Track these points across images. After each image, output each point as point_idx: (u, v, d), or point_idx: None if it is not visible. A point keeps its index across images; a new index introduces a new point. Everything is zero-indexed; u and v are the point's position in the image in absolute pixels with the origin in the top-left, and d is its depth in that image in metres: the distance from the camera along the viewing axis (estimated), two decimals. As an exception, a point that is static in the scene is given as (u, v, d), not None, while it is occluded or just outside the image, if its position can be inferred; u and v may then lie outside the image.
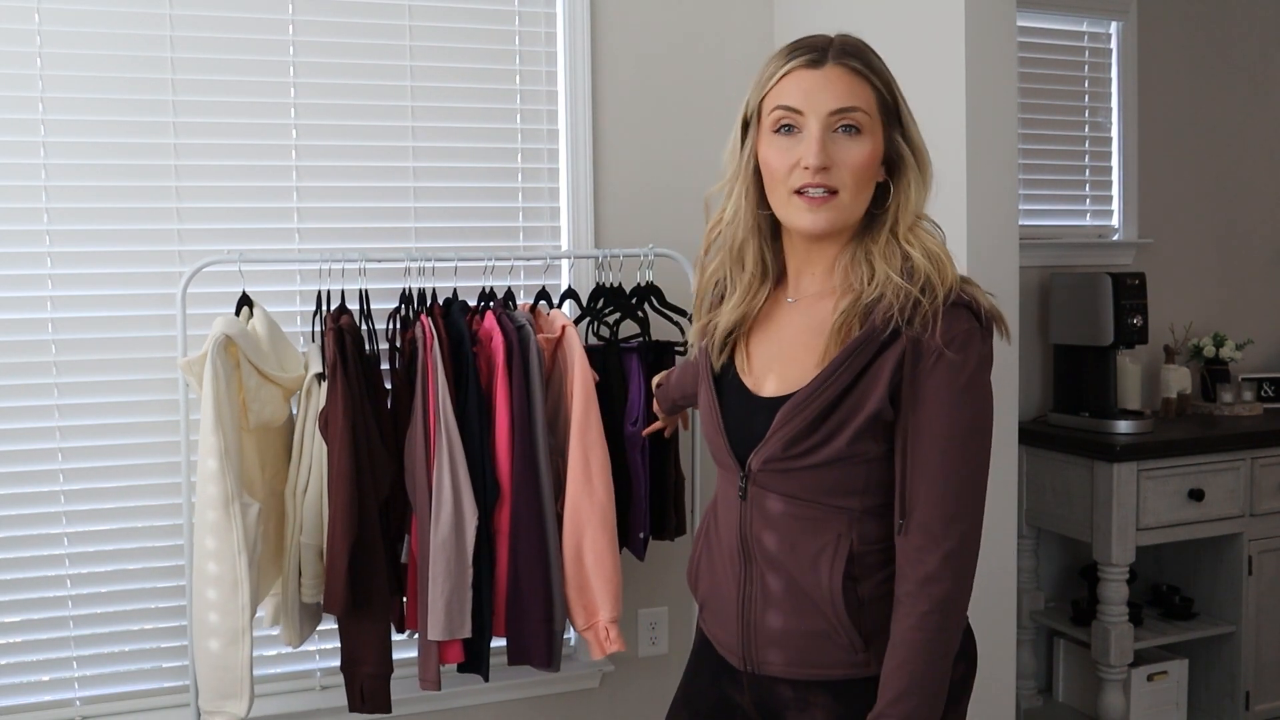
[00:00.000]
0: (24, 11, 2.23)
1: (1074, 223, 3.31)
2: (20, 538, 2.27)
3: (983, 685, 2.09)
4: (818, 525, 1.27)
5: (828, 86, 1.22)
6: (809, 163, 1.21)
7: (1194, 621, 3.02)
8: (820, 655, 1.29)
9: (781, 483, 1.27)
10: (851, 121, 1.23)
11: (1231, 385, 3.26)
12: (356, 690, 2.13)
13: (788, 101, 1.24)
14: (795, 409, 1.24)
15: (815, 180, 1.22)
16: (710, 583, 1.41)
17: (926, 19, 2.13)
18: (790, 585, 1.28)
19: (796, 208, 1.25)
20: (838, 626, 1.26)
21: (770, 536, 1.30)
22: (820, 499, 1.26)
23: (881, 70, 1.26)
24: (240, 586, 1.94)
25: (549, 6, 2.61)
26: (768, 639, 1.31)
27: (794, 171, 1.23)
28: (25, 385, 2.27)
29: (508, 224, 2.60)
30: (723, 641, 1.39)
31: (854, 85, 1.23)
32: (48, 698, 2.31)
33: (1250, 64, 3.48)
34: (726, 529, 1.37)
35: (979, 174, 2.05)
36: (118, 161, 2.31)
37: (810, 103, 1.22)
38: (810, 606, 1.27)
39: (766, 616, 1.31)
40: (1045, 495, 2.99)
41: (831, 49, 1.25)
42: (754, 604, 1.32)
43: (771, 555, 1.30)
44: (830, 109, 1.22)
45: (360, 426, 2.04)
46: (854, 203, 1.25)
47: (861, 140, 1.23)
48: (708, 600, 1.42)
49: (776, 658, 1.31)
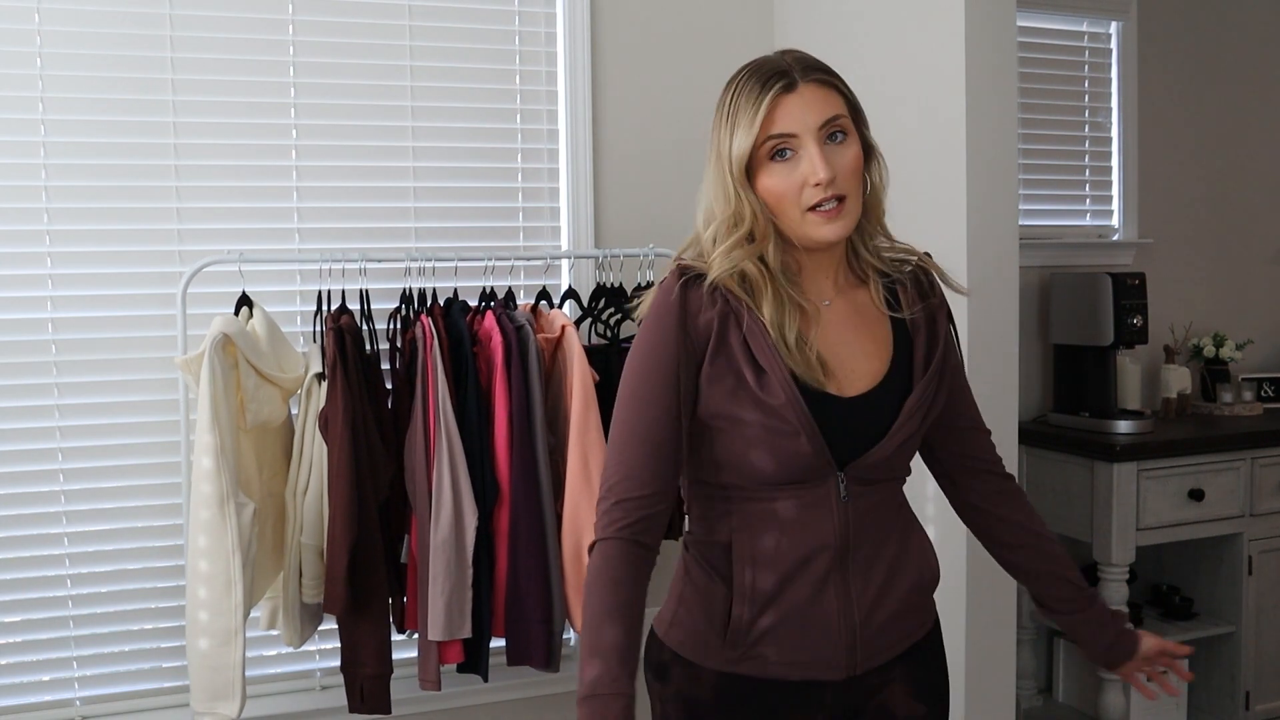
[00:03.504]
0: (24, 11, 2.23)
1: (1074, 223, 3.31)
2: (20, 538, 2.27)
3: (983, 685, 2.10)
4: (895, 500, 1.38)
5: (809, 104, 1.27)
6: (819, 179, 1.25)
7: (1194, 622, 3.02)
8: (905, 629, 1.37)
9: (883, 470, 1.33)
10: (838, 128, 1.28)
11: (1231, 385, 3.26)
12: (356, 690, 2.13)
13: (779, 129, 1.27)
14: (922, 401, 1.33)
15: (828, 194, 1.27)
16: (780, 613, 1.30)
17: (926, 19, 2.13)
18: (891, 570, 1.34)
19: (814, 224, 1.28)
20: (927, 590, 1.39)
21: (871, 528, 1.33)
22: (899, 473, 1.37)
23: (841, 79, 1.33)
24: (234, 586, 1.93)
25: (549, 6, 2.61)
26: (877, 631, 1.33)
27: (804, 191, 1.27)
28: (25, 385, 2.27)
29: (508, 224, 2.60)
30: (809, 662, 1.31)
31: (828, 96, 1.29)
32: (48, 698, 2.31)
33: (1250, 64, 3.48)
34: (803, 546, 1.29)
35: (979, 174, 2.05)
36: (118, 161, 2.31)
37: (801, 124, 1.27)
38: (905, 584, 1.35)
39: (873, 612, 1.33)
40: (1045, 495, 2.98)
41: (796, 69, 1.29)
42: (855, 607, 1.31)
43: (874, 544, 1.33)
44: (819, 123, 1.27)
45: (360, 426, 2.04)
46: (857, 202, 1.31)
47: (849, 144, 1.29)
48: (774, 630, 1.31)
49: (883, 646, 1.35)
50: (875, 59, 2.28)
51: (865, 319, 1.37)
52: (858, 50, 2.36)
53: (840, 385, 1.32)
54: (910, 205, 2.21)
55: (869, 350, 1.35)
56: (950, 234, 2.06)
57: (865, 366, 1.34)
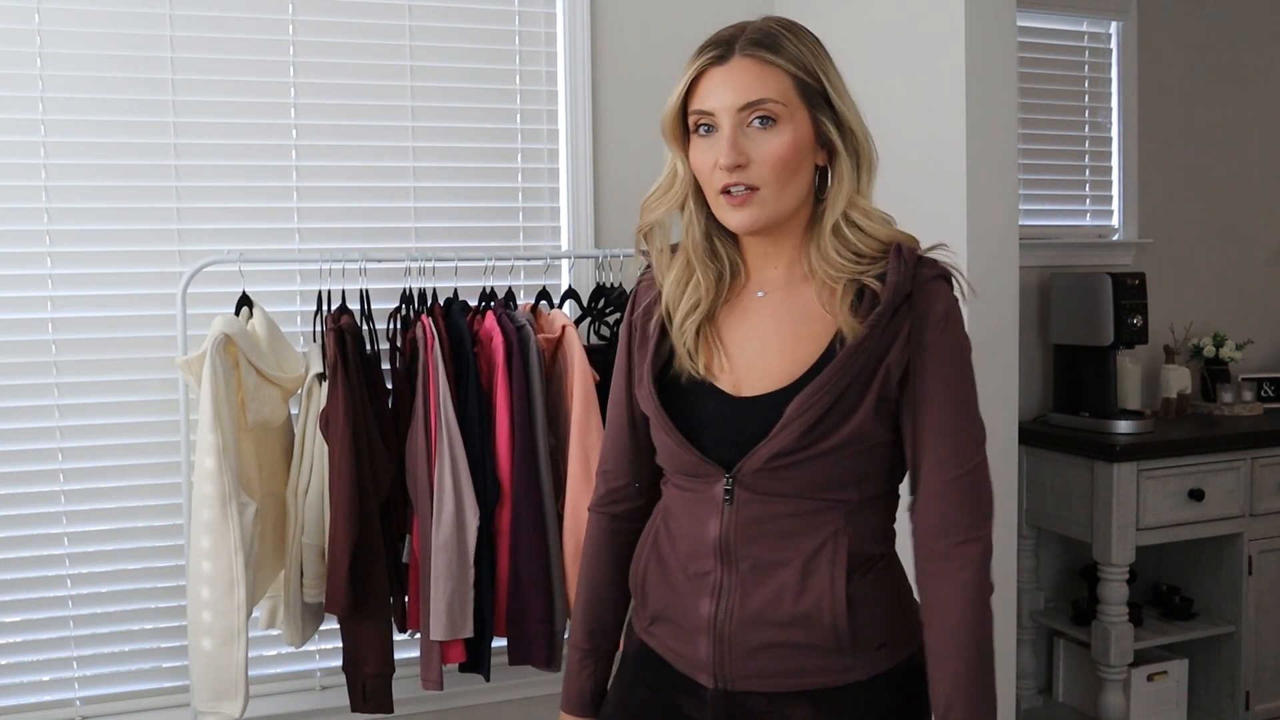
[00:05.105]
0: (24, 11, 2.23)
1: (1074, 223, 3.31)
2: (20, 538, 2.27)
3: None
4: (813, 523, 1.21)
5: (734, 82, 1.18)
6: (722, 162, 1.17)
7: (1194, 621, 3.02)
8: (805, 664, 1.22)
9: (780, 482, 1.20)
10: (765, 113, 1.18)
11: (1231, 385, 3.26)
12: (358, 690, 2.13)
13: (698, 105, 1.21)
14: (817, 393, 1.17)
15: (733, 180, 1.18)
16: (668, 597, 1.30)
17: (926, 19, 2.13)
18: (778, 593, 1.21)
19: (723, 207, 1.21)
20: (831, 631, 1.20)
21: (760, 543, 1.22)
22: (820, 493, 1.20)
23: (797, 54, 1.20)
24: (236, 586, 1.93)
25: (549, 6, 2.61)
26: (746, 653, 1.23)
27: (715, 172, 1.20)
28: (25, 385, 2.27)
29: (508, 224, 2.60)
30: (686, 658, 1.28)
31: (763, 75, 1.18)
32: (48, 698, 2.31)
33: (1250, 64, 3.48)
34: (692, 540, 1.27)
35: (979, 174, 2.05)
36: (118, 161, 2.31)
37: (719, 101, 1.18)
38: (800, 614, 1.20)
39: (748, 630, 1.22)
40: (1045, 495, 2.99)
41: (740, 40, 1.20)
42: (731, 617, 1.23)
43: (760, 562, 1.22)
44: (739, 105, 1.18)
45: (361, 426, 2.04)
46: (780, 195, 1.20)
47: (779, 130, 1.18)
48: (663, 614, 1.31)
49: (756, 671, 1.23)
50: (875, 59, 2.28)
51: (802, 319, 1.24)
52: (857, 50, 2.36)
53: (737, 382, 1.24)
54: (910, 205, 2.21)
55: (790, 351, 1.23)
56: (950, 234, 2.06)
57: (777, 367, 1.22)
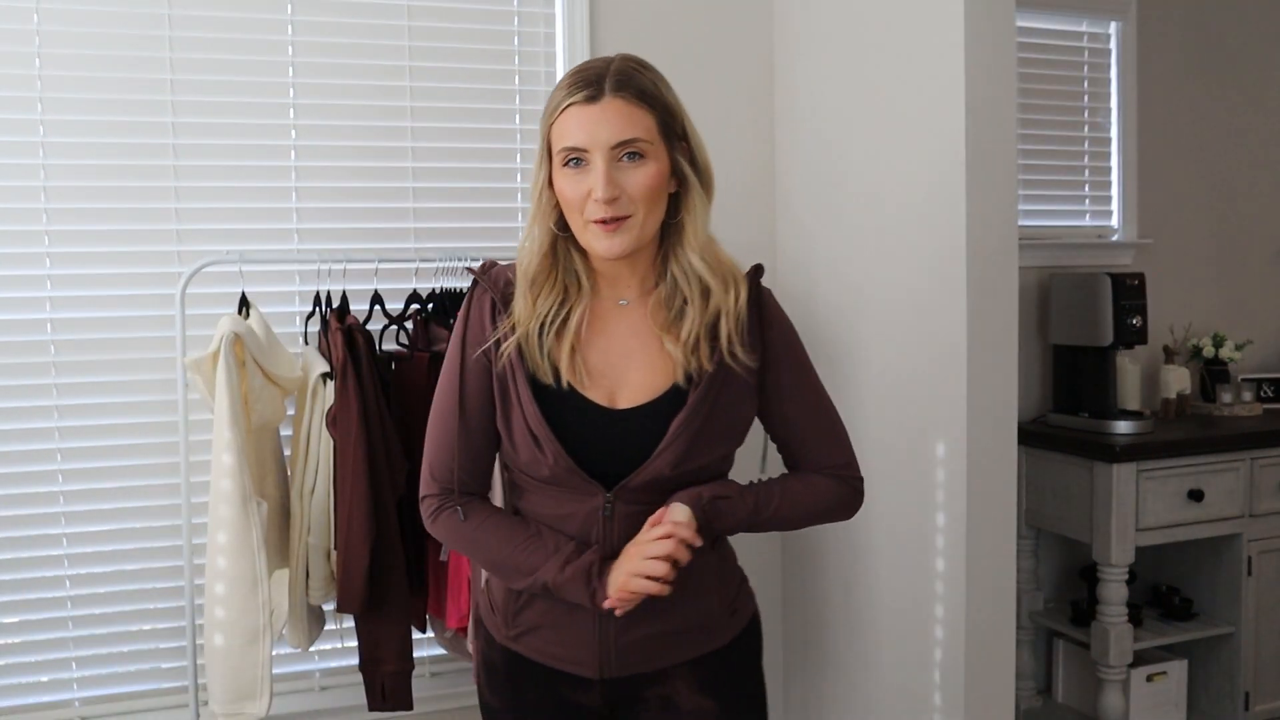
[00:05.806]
0: (24, 11, 2.23)
1: (1073, 223, 3.31)
2: (20, 538, 2.27)
3: (982, 685, 2.09)
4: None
5: (607, 121, 1.24)
6: (598, 196, 1.24)
7: (1193, 622, 3.02)
8: (688, 641, 1.35)
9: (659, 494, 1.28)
10: (635, 150, 1.25)
11: (1231, 385, 3.26)
12: (377, 688, 2.13)
13: (570, 142, 1.25)
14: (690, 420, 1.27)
15: (607, 213, 1.25)
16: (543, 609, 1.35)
17: (926, 19, 2.13)
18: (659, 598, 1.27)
19: (594, 234, 1.27)
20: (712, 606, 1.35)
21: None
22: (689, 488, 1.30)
23: (658, 95, 1.28)
24: (260, 584, 1.93)
25: (549, 7, 2.61)
26: (633, 646, 1.33)
27: (587, 203, 1.25)
28: (25, 385, 2.27)
29: (507, 224, 2.60)
30: (568, 659, 1.36)
31: (633, 115, 1.25)
32: (47, 698, 2.31)
33: (1250, 64, 3.48)
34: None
35: (979, 174, 2.05)
36: (117, 161, 2.31)
37: (593, 139, 1.24)
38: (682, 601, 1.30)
39: (632, 627, 1.31)
40: (1045, 496, 2.99)
41: (608, 80, 1.25)
42: (613, 618, 1.30)
43: None
44: (612, 144, 1.24)
45: (375, 425, 2.05)
46: (647, 220, 1.28)
47: (646, 164, 1.26)
48: (540, 626, 1.36)
49: (640, 659, 1.34)
50: (874, 59, 2.28)
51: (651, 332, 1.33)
52: (857, 51, 2.36)
53: (611, 394, 1.30)
54: (909, 205, 2.21)
55: (653, 363, 1.31)
56: (950, 234, 2.06)
57: (644, 379, 1.31)
